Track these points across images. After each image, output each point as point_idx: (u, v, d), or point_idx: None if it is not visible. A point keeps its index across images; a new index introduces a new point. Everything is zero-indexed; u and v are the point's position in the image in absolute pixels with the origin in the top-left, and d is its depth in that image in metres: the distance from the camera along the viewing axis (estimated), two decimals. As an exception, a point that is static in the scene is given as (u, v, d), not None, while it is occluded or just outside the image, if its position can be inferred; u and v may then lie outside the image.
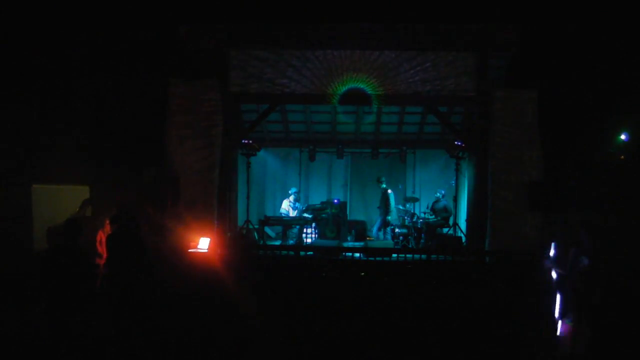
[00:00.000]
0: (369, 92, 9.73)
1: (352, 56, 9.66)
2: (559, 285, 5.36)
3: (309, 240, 11.65)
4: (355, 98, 9.94)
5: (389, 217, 11.60)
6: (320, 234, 11.71)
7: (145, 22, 10.46)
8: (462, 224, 10.88)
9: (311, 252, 9.20)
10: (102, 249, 6.29)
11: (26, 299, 6.16)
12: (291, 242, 11.04)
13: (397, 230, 11.13)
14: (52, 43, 10.27)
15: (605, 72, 9.96)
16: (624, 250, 5.87)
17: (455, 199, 10.82)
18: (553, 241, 5.68)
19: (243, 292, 6.63)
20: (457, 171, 10.86)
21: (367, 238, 11.79)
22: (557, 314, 5.35)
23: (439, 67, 9.64)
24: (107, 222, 6.41)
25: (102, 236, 6.47)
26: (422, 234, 10.74)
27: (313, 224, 11.81)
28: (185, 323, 5.83)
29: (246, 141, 10.60)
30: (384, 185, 11.75)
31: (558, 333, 5.29)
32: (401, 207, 12.07)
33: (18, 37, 10.03)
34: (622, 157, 9.45)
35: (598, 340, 4.92)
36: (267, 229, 11.94)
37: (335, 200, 12.16)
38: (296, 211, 11.62)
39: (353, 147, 13.18)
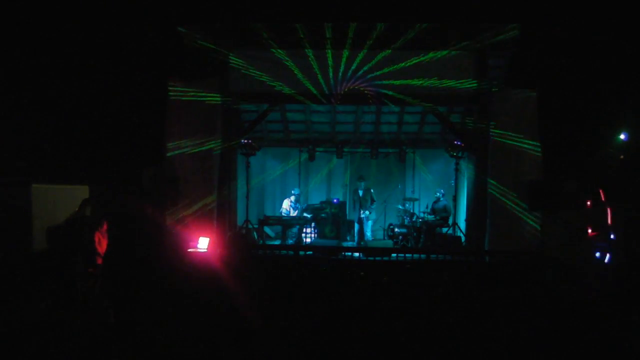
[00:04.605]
0: (369, 92, 9.74)
1: (352, 56, 9.66)
2: None
3: (308, 240, 11.66)
4: (354, 98, 9.94)
5: (367, 213, 11.27)
6: (320, 234, 11.72)
7: (145, 22, 10.44)
8: (462, 223, 10.89)
9: (311, 252, 9.22)
10: (100, 249, 6.30)
11: (26, 298, 6.16)
12: (290, 241, 11.05)
13: (396, 230, 11.14)
14: (52, 42, 10.27)
15: (605, 72, 9.94)
16: None
17: (455, 199, 10.83)
18: None
19: (242, 291, 6.64)
20: (457, 171, 10.87)
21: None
22: None
23: (438, 67, 9.64)
24: (105, 222, 6.43)
25: (99, 237, 6.48)
26: (422, 234, 10.75)
27: (312, 224, 11.82)
28: (184, 323, 5.84)
29: (245, 141, 10.61)
30: (363, 184, 11.48)
31: None
32: (401, 207, 12.07)
33: (17, 37, 10.04)
34: (622, 157, 9.43)
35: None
36: (267, 229, 11.95)
37: (335, 200, 12.17)
38: (297, 211, 11.63)
39: (352, 147, 13.18)
